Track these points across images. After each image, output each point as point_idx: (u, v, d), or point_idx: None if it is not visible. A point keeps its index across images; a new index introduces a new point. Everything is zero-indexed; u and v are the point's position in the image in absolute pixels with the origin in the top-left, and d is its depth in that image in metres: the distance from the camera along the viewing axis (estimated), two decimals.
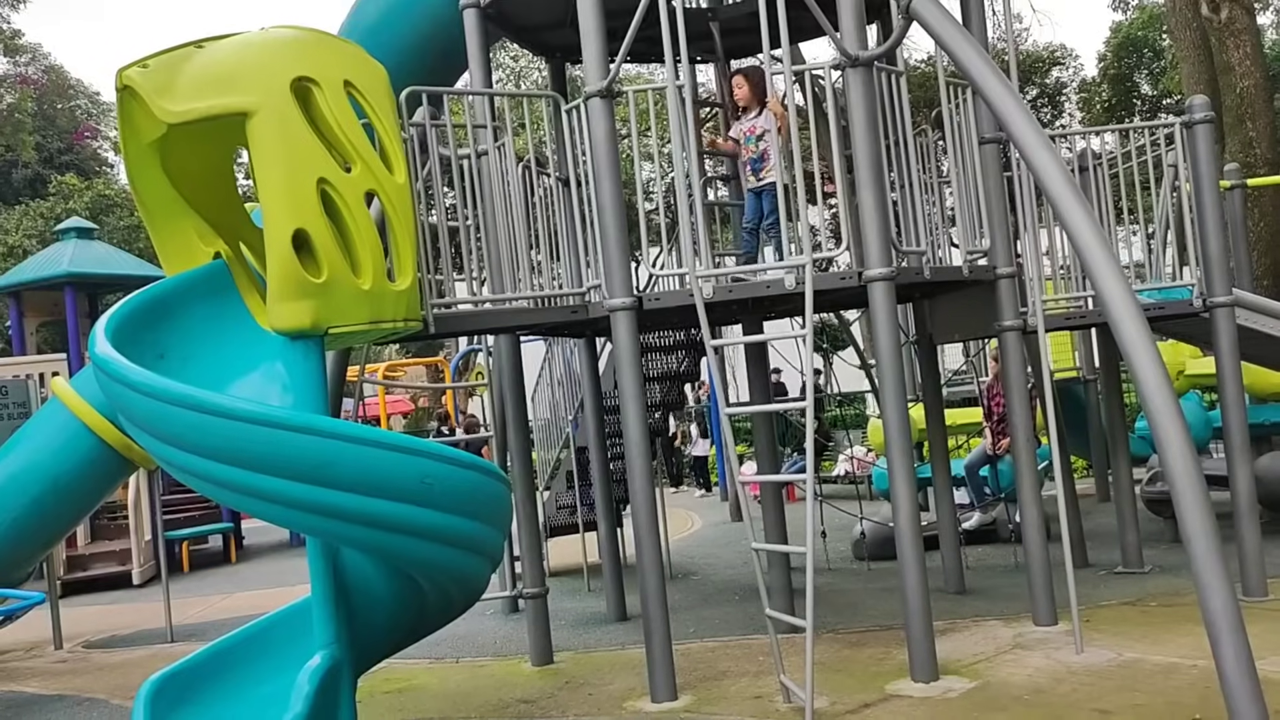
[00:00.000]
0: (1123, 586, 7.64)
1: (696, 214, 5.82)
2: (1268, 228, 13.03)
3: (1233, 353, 7.03)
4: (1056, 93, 29.71)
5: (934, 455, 8.24)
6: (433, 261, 6.02)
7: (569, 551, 10.72)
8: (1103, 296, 4.78)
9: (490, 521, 4.83)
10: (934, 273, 6.28)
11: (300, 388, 4.70)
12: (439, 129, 6.14)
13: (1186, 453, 4.49)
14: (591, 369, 8.65)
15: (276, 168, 4.66)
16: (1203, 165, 7.05)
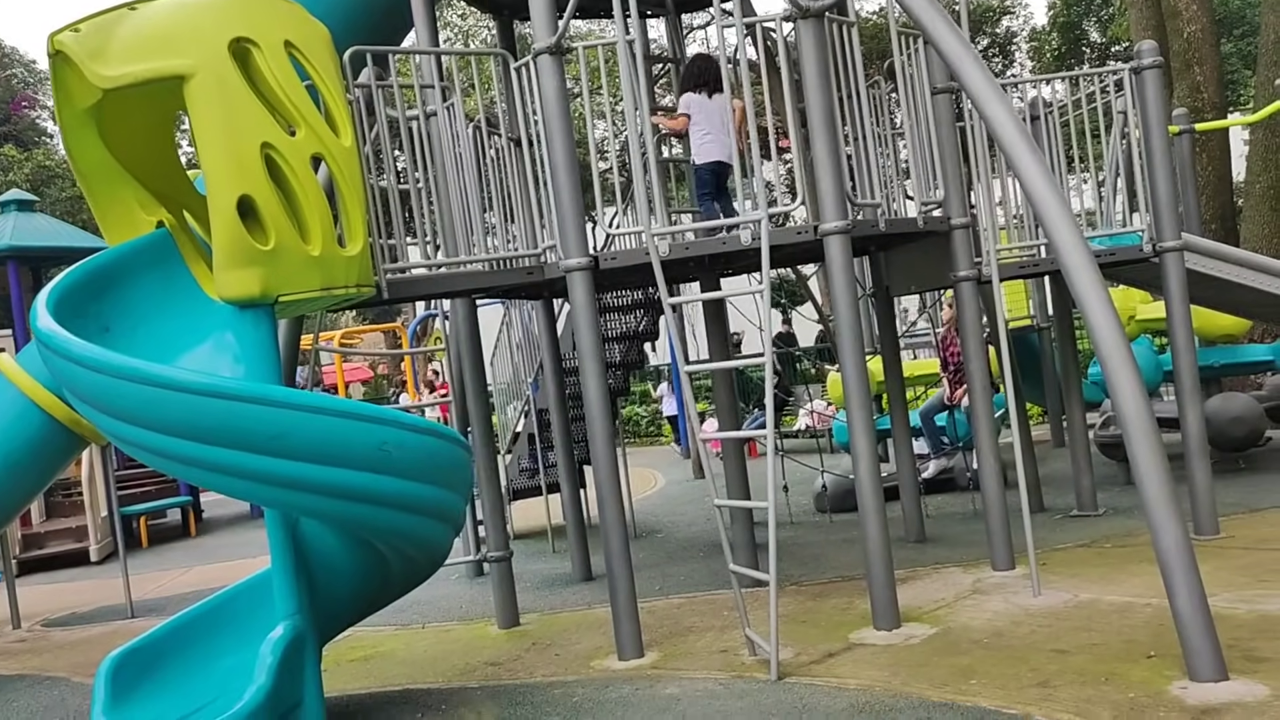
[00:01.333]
0: (1078, 529, 7.78)
1: (651, 172, 5.77)
2: (1215, 172, 13.17)
3: (1182, 297, 7.13)
4: (1007, 42, 29.81)
5: (892, 407, 8.31)
6: (384, 226, 5.93)
7: (533, 514, 10.73)
8: (1055, 244, 4.82)
9: (451, 486, 4.81)
10: (889, 225, 6.28)
11: (252, 358, 4.62)
12: (386, 90, 6.03)
13: (1138, 396, 4.56)
14: (550, 331, 8.60)
15: (217, 132, 4.55)
16: (1151, 110, 7.10)
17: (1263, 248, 12.16)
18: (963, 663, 4.99)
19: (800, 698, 4.75)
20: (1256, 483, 8.77)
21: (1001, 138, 5.02)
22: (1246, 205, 13.38)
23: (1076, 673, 4.65)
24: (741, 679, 5.16)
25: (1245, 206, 13.44)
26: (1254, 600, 5.43)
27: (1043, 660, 4.88)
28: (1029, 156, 4.93)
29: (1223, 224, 12.99)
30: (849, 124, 6.13)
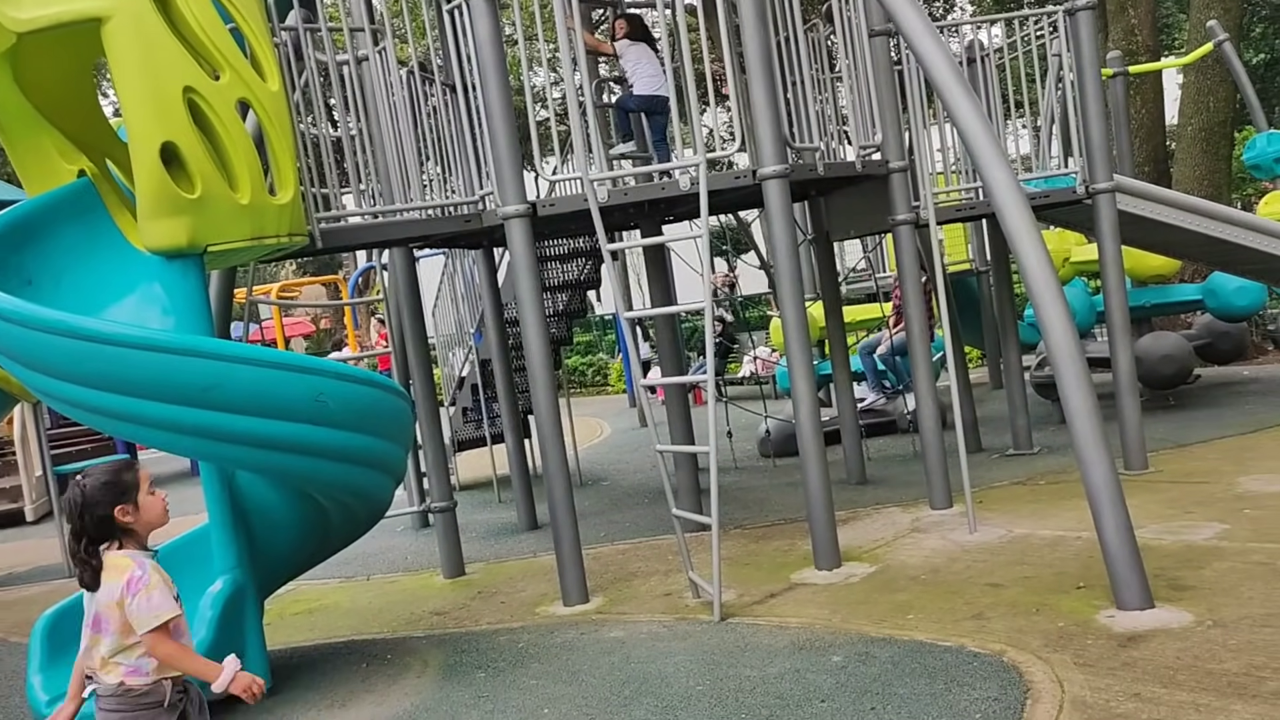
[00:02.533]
0: (1013, 468, 7.96)
1: (588, 116, 5.71)
2: (1149, 115, 13.34)
3: (1114, 237, 7.25)
4: None
5: (833, 352, 8.39)
6: (317, 174, 5.81)
7: (479, 465, 10.71)
8: (988, 185, 4.86)
9: (390, 437, 4.77)
10: (828, 169, 6.29)
11: (181, 309, 4.52)
12: (315, 34, 5.87)
13: (1068, 335, 4.64)
14: (490, 280, 8.53)
15: (137, 77, 4.40)
16: (1085, 52, 7.15)
17: (1194, 189, 12.39)
18: (901, 599, 5.10)
19: (742, 637, 4.83)
20: (1185, 419, 9.02)
21: (936, 79, 5.03)
22: (1179, 148, 13.61)
23: (1009, 605, 4.78)
24: (685, 621, 5.23)
25: (1177, 149, 13.67)
26: (1179, 531, 5.60)
27: (977, 594, 5.01)
28: (963, 98, 4.95)
29: (1155, 166, 13.19)
30: (787, 68, 6.11)
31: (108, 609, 2.90)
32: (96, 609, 2.93)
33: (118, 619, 2.89)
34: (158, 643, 2.90)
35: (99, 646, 2.93)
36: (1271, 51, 27.88)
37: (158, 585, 2.91)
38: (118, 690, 2.93)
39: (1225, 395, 10.04)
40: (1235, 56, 11.32)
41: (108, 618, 2.91)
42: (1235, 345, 10.71)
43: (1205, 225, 8.12)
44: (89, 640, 2.96)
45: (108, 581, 2.92)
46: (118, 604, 2.89)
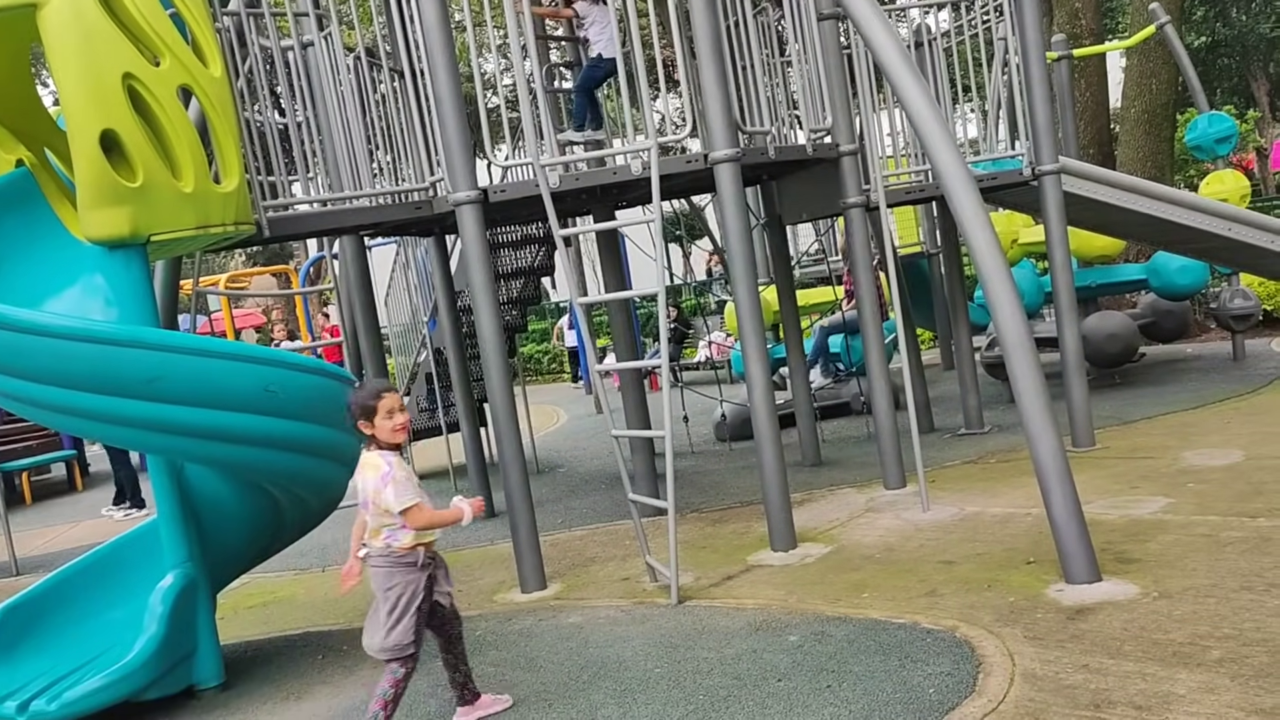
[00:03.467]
0: (965, 447, 8.06)
1: (539, 101, 5.67)
2: (1093, 98, 13.53)
3: (1060, 218, 7.35)
4: None
5: (787, 335, 8.44)
6: (264, 162, 5.72)
7: (435, 455, 10.65)
8: (937, 167, 4.90)
9: (340, 426, 4.68)
10: (779, 152, 6.30)
11: (125, 300, 4.44)
12: (259, 20, 5.77)
13: (1016, 314, 4.70)
14: (443, 268, 8.46)
15: (75, 64, 4.30)
16: (1029, 35, 7.22)
17: (1138, 170, 12.60)
18: (855, 578, 5.15)
19: (699, 620, 4.85)
20: (1131, 396, 9.19)
21: (884, 63, 5.06)
22: (1122, 130, 13.81)
23: (961, 581, 4.85)
24: (643, 605, 5.25)
25: (1121, 131, 13.87)
26: (1125, 506, 5.71)
27: (930, 571, 5.08)
28: (911, 82, 4.98)
29: (1100, 148, 13.39)
30: (738, 53, 6.11)
31: (371, 495, 3.73)
32: (364, 495, 3.77)
33: (378, 504, 3.71)
34: (412, 519, 3.73)
35: (369, 521, 3.78)
36: (1213, 34, 28.43)
37: (402, 479, 3.71)
38: (385, 550, 3.78)
39: (1169, 373, 10.24)
40: (1177, 39, 11.50)
41: (371, 501, 3.74)
42: (1179, 324, 10.92)
43: (1148, 205, 8.26)
44: (362, 516, 3.82)
45: (366, 476, 3.76)
46: (375, 493, 3.71)
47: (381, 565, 3.77)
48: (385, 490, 3.67)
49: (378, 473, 3.72)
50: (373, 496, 3.72)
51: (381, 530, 3.76)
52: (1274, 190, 27.19)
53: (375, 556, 3.79)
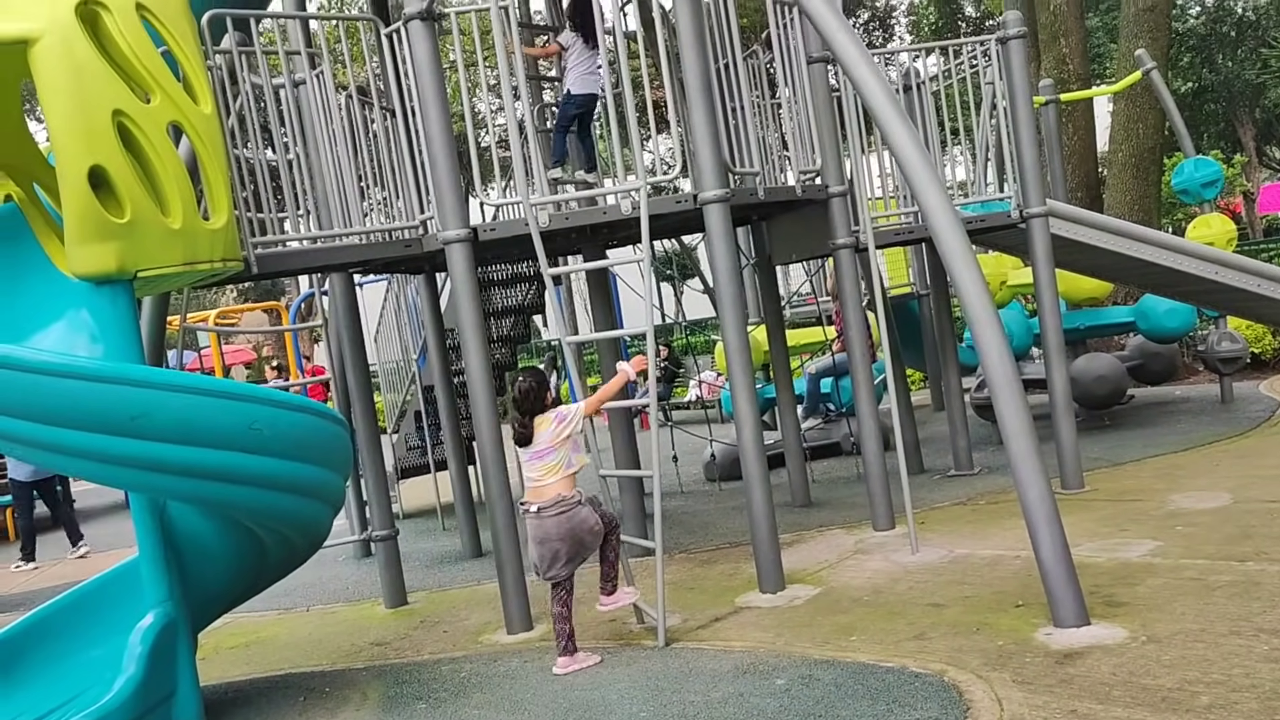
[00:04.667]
0: (954, 488, 8.04)
1: (529, 140, 5.69)
2: (1081, 141, 13.64)
3: (1048, 260, 7.38)
4: (887, 15, 30.41)
5: (777, 375, 8.43)
6: (253, 198, 5.72)
7: (423, 492, 10.58)
8: (924, 209, 4.93)
9: (327, 464, 4.70)
10: (768, 193, 6.34)
11: (110, 336, 4.41)
12: (250, 56, 5.80)
13: (1003, 355, 4.71)
14: (433, 306, 8.46)
15: (66, 100, 4.30)
16: (1017, 79, 7.31)
17: (1126, 214, 12.67)
18: (844, 620, 5.11)
19: (686, 662, 4.80)
20: (1120, 438, 9.19)
21: (872, 105, 5.10)
22: (1110, 173, 13.92)
23: (950, 624, 4.81)
24: (629, 647, 5.20)
25: (1109, 174, 13.98)
26: (1114, 549, 5.69)
27: (919, 614, 5.04)
28: (899, 125, 5.02)
29: (1088, 191, 13.48)
30: (728, 94, 6.16)
31: (550, 440, 4.83)
32: (536, 449, 4.85)
33: (557, 438, 4.83)
34: (588, 408, 5.01)
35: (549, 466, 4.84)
36: (1199, 80, 28.81)
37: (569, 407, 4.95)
38: (555, 500, 4.83)
39: (1158, 415, 10.26)
40: (1163, 84, 11.63)
41: (551, 446, 4.83)
42: (1167, 366, 10.95)
43: (1135, 249, 8.30)
44: (534, 471, 4.87)
45: (543, 430, 4.86)
46: (555, 432, 4.84)
47: (557, 513, 4.82)
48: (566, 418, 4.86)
49: (551, 421, 4.86)
50: (553, 438, 4.82)
51: (557, 473, 4.82)
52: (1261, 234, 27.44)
53: (547, 508, 4.82)
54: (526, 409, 4.89)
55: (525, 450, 4.90)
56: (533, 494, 4.89)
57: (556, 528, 4.83)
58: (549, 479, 4.84)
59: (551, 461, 4.84)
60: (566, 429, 4.84)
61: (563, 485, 4.85)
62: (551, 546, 4.86)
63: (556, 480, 4.84)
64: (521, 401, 4.90)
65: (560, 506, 4.82)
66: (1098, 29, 26.40)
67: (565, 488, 4.85)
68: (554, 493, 4.82)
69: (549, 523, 4.84)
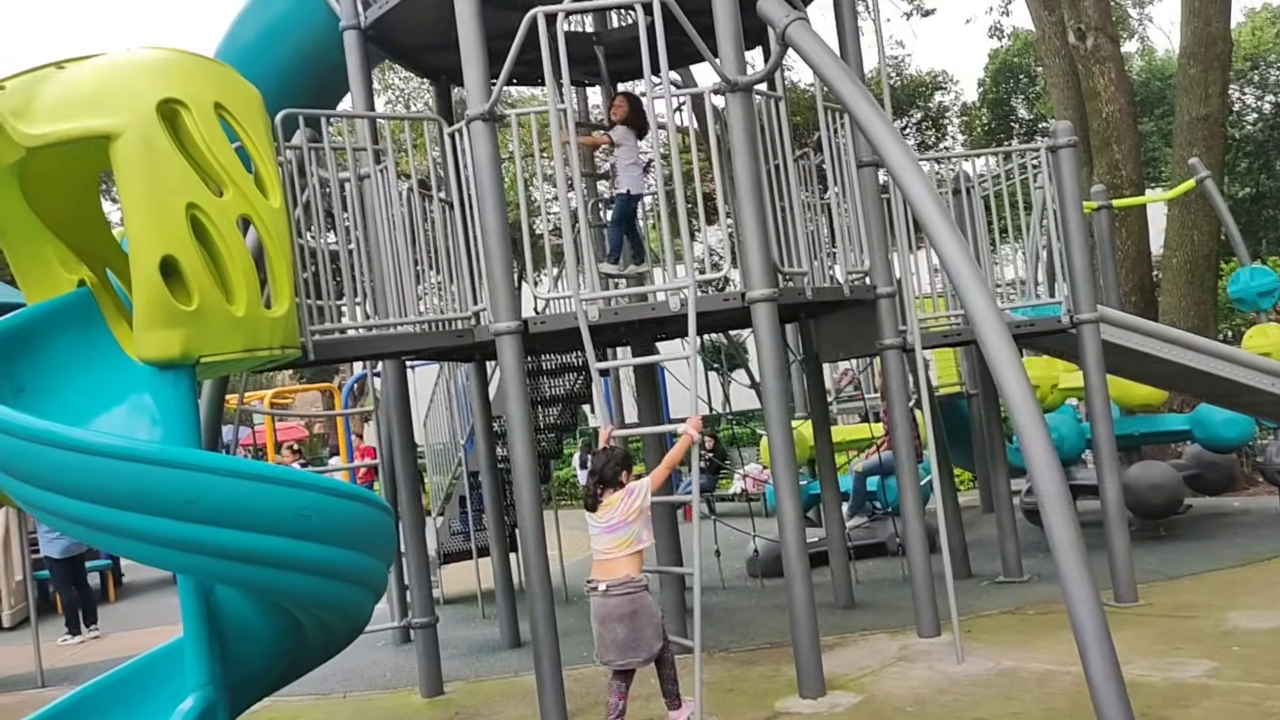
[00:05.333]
0: (1003, 596, 7.87)
1: (581, 238, 5.83)
2: (1134, 246, 13.61)
3: (1098, 367, 7.33)
4: (939, 115, 30.73)
5: (822, 471, 8.39)
6: (314, 286, 5.90)
7: (465, 578, 10.57)
8: (970, 314, 4.94)
9: (372, 552, 4.73)
10: (816, 293, 6.41)
11: (169, 419, 4.53)
12: (319, 151, 6.04)
13: (1051, 465, 4.65)
14: (481, 392, 8.57)
15: (143, 192, 4.51)
16: (1067, 187, 7.35)
17: (1180, 319, 12.57)
18: None
19: None
20: (1176, 550, 8.97)
21: (920, 211, 5.16)
22: (1164, 278, 13.83)
23: None
24: None
25: (1163, 280, 13.88)
26: (1168, 668, 5.53)
27: None
28: (946, 231, 5.07)
29: (1142, 296, 13.40)
30: (778, 194, 6.27)
31: (621, 513, 4.93)
32: (609, 522, 4.95)
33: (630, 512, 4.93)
34: (655, 480, 5.21)
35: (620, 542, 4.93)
36: (1257, 185, 28.63)
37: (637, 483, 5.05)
38: (624, 579, 4.91)
39: (1216, 527, 10.00)
40: (1217, 192, 11.62)
41: (619, 520, 4.92)
42: (1225, 476, 10.71)
43: (1188, 357, 8.21)
44: (605, 543, 4.97)
45: (612, 505, 4.97)
46: (624, 506, 4.94)
47: (625, 593, 4.89)
48: (634, 493, 4.95)
49: (620, 497, 4.96)
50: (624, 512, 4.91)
51: (628, 548, 4.92)
52: None
53: (615, 587, 4.90)
54: (603, 478, 5.03)
55: (596, 522, 5.02)
56: (601, 570, 4.99)
57: (618, 607, 4.91)
58: (620, 553, 4.94)
59: (624, 536, 4.94)
60: (637, 500, 4.95)
61: (632, 564, 4.95)
62: (612, 627, 4.94)
63: (626, 556, 4.94)
64: (602, 470, 5.04)
65: (627, 587, 4.91)
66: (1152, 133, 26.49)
67: (634, 567, 4.95)
68: (623, 571, 4.93)
69: (613, 602, 4.92)
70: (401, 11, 6.78)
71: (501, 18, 6.34)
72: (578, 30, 8.03)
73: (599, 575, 5.00)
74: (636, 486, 5.00)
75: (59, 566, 11.00)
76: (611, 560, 4.97)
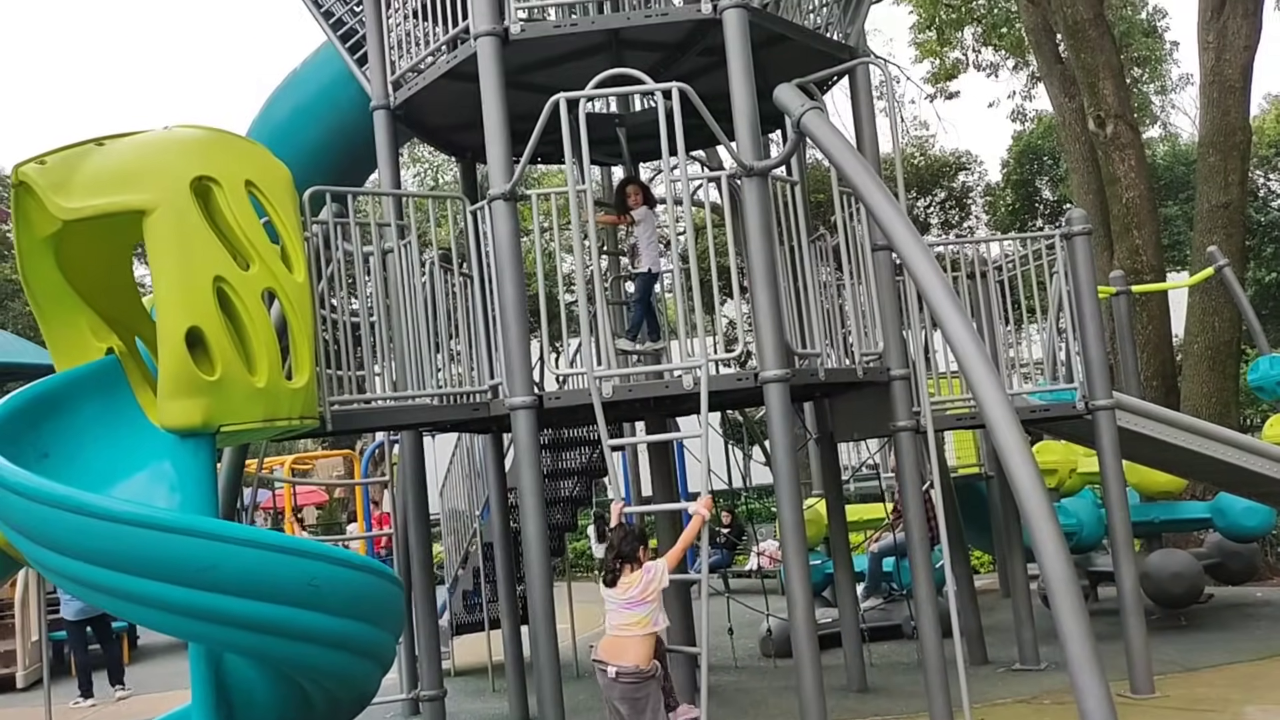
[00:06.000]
0: (1019, 684, 7.75)
1: (598, 314, 5.93)
2: (1156, 331, 13.61)
3: (1114, 453, 7.30)
4: (963, 195, 30.96)
5: (836, 551, 8.35)
6: (334, 356, 6.01)
7: (478, 649, 10.51)
8: (979, 401, 4.99)
9: (380, 624, 4.78)
10: (829, 374, 6.46)
11: (188, 487, 4.63)
12: (344, 226, 6.21)
13: (1060, 555, 4.66)
14: (497, 464, 8.63)
15: (173, 265, 4.67)
16: (1082, 274, 7.41)
17: (1201, 406, 12.50)
18: None
19: None
20: (1196, 640, 8.82)
21: (929, 298, 5.24)
22: (1186, 364, 13.78)
23: None
24: None
25: (1185, 365, 13.83)
26: None
27: None
28: (955, 317, 5.14)
29: (1164, 381, 13.35)
30: (793, 275, 6.37)
31: (639, 592, 4.88)
32: (625, 599, 4.91)
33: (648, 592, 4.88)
34: (671, 561, 5.12)
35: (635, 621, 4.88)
36: None
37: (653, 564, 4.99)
38: (634, 670, 4.83)
39: (1237, 617, 9.83)
40: (1236, 281, 11.63)
41: (638, 598, 4.88)
42: (1246, 565, 10.56)
43: (1205, 446, 8.17)
44: (621, 619, 4.92)
45: (630, 583, 4.92)
46: (643, 585, 4.88)
47: (632, 682, 4.85)
48: (651, 573, 4.91)
49: (639, 576, 4.92)
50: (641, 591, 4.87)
51: (643, 627, 4.87)
52: None
53: (627, 674, 4.84)
54: (622, 554, 4.99)
55: (613, 597, 4.96)
56: (611, 647, 4.93)
57: (622, 694, 4.90)
58: (635, 632, 4.88)
59: (642, 614, 4.89)
60: (654, 582, 4.91)
61: (642, 651, 4.86)
62: (613, 706, 4.97)
63: (640, 638, 4.87)
64: (620, 544, 5.01)
65: (635, 678, 4.87)
66: (1177, 217, 26.52)
67: (644, 656, 4.87)
68: (633, 659, 4.85)
69: (618, 689, 4.91)
70: (430, 93, 7.00)
71: (524, 99, 6.54)
72: (600, 111, 8.24)
73: (608, 656, 4.92)
74: (654, 566, 4.96)
75: (74, 628, 11.05)
76: (623, 641, 4.90)
